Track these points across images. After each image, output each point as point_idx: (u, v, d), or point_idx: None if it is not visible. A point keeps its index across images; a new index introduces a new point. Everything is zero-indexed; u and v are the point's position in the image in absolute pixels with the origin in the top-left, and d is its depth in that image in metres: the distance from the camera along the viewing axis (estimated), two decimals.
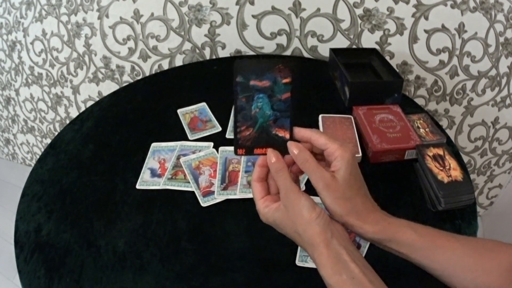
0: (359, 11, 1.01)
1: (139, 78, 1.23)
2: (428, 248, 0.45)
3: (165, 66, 1.21)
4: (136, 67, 1.23)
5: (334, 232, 0.42)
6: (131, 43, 1.18)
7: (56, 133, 0.92)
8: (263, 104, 0.47)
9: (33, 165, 0.76)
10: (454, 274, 0.44)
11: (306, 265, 0.55)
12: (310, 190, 0.46)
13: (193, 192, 0.68)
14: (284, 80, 0.46)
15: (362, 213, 0.46)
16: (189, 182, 0.69)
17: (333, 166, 0.45)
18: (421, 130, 0.75)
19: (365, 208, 0.46)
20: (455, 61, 1.06)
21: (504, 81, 1.09)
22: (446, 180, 0.62)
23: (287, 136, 0.47)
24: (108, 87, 1.32)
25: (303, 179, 0.67)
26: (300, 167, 0.46)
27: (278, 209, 0.46)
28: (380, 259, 0.55)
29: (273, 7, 1.04)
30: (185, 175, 0.70)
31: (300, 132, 0.47)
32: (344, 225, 0.47)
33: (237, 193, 0.66)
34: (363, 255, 0.55)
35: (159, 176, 0.71)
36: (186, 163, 0.72)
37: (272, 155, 0.46)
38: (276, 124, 0.47)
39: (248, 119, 0.47)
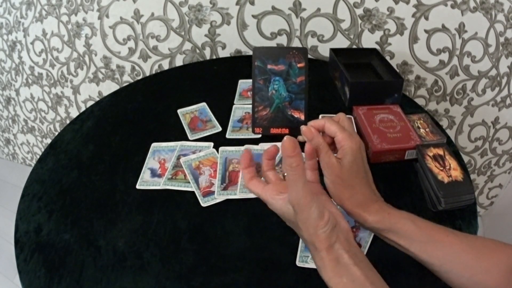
0: (359, 11, 1.01)
1: (139, 78, 1.23)
2: (426, 241, 0.45)
3: (165, 66, 1.21)
4: (136, 67, 1.24)
5: (339, 235, 0.42)
6: (131, 43, 1.18)
7: (56, 133, 0.92)
8: (279, 86, 0.51)
9: (33, 165, 0.76)
10: (451, 270, 0.44)
11: (306, 265, 0.55)
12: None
13: (193, 192, 0.68)
14: (299, 65, 0.50)
15: (363, 202, 0.47)
16: (189, 182, 0.69)
17: (339, 154, 0.48)
18: (421, 130, 0.75)
19: (366, 198, 0.48)
20: (455, 61, 1.06)
21: (504, 81, 1.09)
22: (446, 180, 0.62)
23: (302, 117, 0.51)
24: (108, 87, 1.32)
25: None
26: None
27: (287, 203, 0.43)
28: (381, 258, 0.55)
29: (273, 7, 1.04)
30: (185, 175, 0.70)
31: (315, 122, 0.49)
32: (346, 212, 0.49)
33: (237, 193, 0.66)
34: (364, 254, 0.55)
35: (159, 176, 0.71)
36: (186, 163, 0.72)
37: (289, 147, 0.39)
38: (291, 106, 0.51)
39: (265, 100, 0.51)
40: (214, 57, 1.17)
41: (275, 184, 0.47)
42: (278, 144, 0.42)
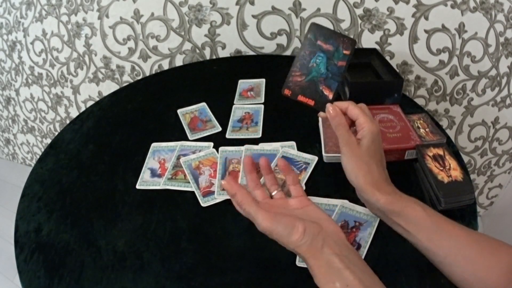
0: (359, 11, 1.01)
1: (139, 78, 1.23)
2: (434, 229, 0.45)
3: (165, 66, 1.21)
4: (136, 67, 1.24)
5: (326, 239, 0.42)
6: (131, 43, 1.18)
7: (56, 133, 0.92)
8: (321, 62, 0.54)
9: (33, 165, 0.76)
10: (455, 263, 0.44)
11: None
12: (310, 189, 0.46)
13: (193, 192, 0.68)
14: (345, 51, 0.53)
15: (377, 180, 0.49)
16: (189, 182, 0.69)
17: (359, 135, 0.50)
18: (421, 130, 0.75)
19: (381, 178, 0.49)
20: (455, 61, 1.06)
21: (504, 81, 1.09)
22: (446, 180, 0.62)
23: (330, 96, 0.53)
24: (108, 87, 1.32)
25: (303, 179, 0.67)
26: (333, 129, 0.51)
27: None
28: (381, 258, 0.55)
29: (273, 7, 1.04)
30: (185, 175, 0.70)
31: (339, 104, 0.52)
32: (358, 191, 0.50)
33: None
34: (363, 255, 0.55)
35: (159, 176, 0.71)
36: (186, 163, 0.72)
37: (227, 187, 0.47)
38: (325, 82, 0.53)
39: (304, 69, 0.54)
40: (214, 57, 1.17)
41: (263, 204, 0.49)
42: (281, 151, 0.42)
